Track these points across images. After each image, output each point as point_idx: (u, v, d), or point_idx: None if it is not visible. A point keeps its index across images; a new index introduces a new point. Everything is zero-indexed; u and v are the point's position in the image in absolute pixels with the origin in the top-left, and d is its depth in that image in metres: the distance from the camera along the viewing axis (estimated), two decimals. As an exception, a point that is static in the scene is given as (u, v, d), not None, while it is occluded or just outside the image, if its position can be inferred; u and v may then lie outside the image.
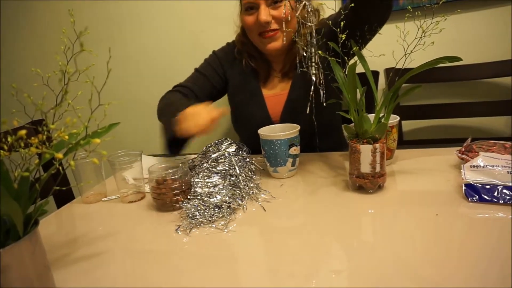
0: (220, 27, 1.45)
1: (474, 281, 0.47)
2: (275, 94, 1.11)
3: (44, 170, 1.07)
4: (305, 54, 0.80)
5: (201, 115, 0.86)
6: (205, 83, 1.14)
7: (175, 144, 0.98)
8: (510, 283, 0.46)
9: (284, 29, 0.92)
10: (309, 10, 0.76)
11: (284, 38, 0.87)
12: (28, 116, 0.51)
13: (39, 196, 0.50)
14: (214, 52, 1.19)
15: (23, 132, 0.44)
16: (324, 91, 0.79)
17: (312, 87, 0.79)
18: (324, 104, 0.79)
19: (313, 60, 0.78)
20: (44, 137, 0.47)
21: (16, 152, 0.47)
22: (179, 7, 1.70)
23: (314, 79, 0.79)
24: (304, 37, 0.81)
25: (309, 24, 0.76)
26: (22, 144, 0.46)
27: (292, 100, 1.07)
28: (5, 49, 1.99)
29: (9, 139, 0.45)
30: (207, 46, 1.23)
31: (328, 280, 0.51)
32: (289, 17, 0.95)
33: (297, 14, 0.77)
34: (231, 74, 1.14)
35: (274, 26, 0.99)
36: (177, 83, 1.15)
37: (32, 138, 0.46)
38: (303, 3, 0.76)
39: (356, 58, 0.79)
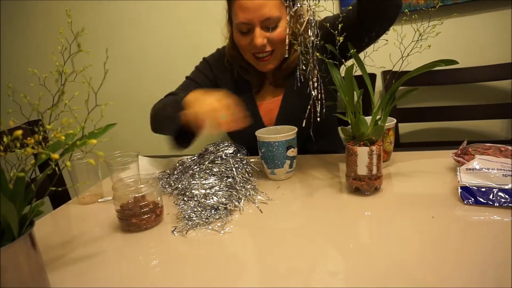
0: (217, 29, 1.45)
1: (470, 283, 0.47)
2: (268, 101, 1.10)
3: (40, 170, 1.06)
4: (304, 68, 0.78)
5: (207, 98, 0.81)
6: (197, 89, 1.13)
7: (183, 137, 0.95)
8: (506, 285, 0.46)
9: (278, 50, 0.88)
10: (312, 25, 0.74)
11: (281, 56, 0.85)
12: (24, 116, 0.51)
13: (34, 196, 0.50)
14: (204, 59, 1.18)
15: (19, 132, 0.43)
16: (323, 104, 0.77)
17: (311, 101, 0.78)
18: (318, 119, 0.78)
19: (313, 74, 0.77)
20: (40, 137, 0.47)
21: (12, 153, 0.47)
22: (177, 8, 1.70)
23: (314, 94, 0.77)
24: (305, 49, 0.79)
25: (313, 38, 0.74)
26: (18, 145, 0.45)
27: (286, 107, 1.07)
28: (5, 48, 1.98)
29: (4, 139, 0.45)
30: (205, 47, 1.23)
31: (325, 281, 0.51)
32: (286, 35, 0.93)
33: (301, 29, 0.75)
34: (222, 81, 1.13)
35: (268, 48, 0.97)
36: (173, 86, 1.14)
37: (28, 138, 0.45)
38: (307, 18, 0.74)
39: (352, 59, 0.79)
